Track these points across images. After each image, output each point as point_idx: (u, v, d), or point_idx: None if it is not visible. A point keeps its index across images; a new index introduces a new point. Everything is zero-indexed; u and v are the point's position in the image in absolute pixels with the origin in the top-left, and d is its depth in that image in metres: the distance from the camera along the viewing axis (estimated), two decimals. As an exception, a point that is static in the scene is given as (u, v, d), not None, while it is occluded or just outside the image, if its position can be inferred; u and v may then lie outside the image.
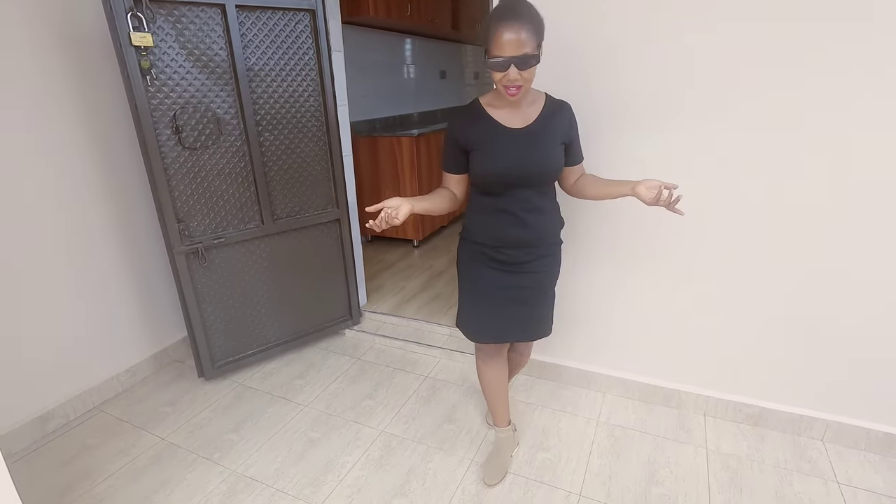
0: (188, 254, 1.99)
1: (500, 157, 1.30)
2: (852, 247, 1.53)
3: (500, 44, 1.15)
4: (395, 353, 2.43)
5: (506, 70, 1.17)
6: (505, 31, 1.14)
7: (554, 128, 1.32)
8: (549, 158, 1.32)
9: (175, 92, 1.83)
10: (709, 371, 1.86)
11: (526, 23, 1.15)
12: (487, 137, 1.32)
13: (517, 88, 1.21)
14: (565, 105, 1.37)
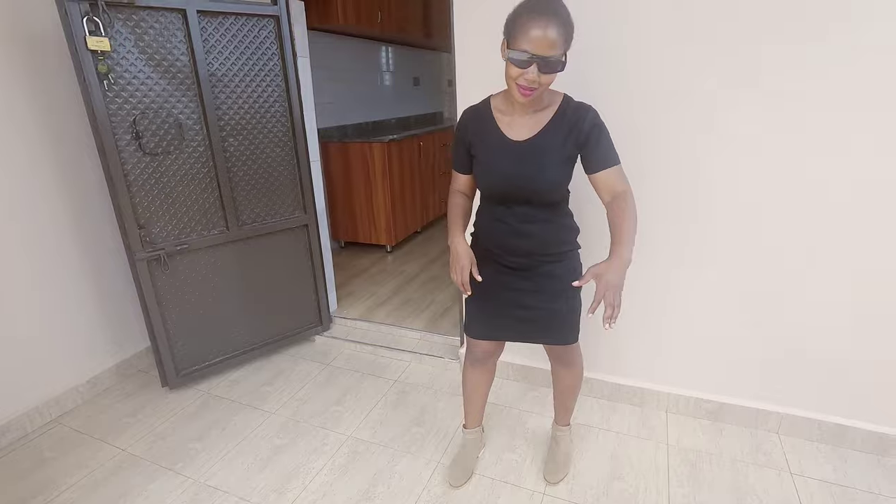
0: (150, 260, 1.96)
1: (494, 170, 1.26)
2: (805, 247, 1.60)
3: (526, 37, 1.05)
4: (365, 358, 2.43)
5: (526, 68, 1.08)
6: (534, 24, 1.04)
7: (560, 139, 1.20)
8: (544, 176, 1.21)
9: (135, 97, 1.81)
10: (672, 367, 1.91)
11: (558, 22, 1.05)
12: (486, 145, 1.27)
13: (531, 91, 1.12)
14: (582, 109, 1.21)
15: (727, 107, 1.54)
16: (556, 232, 1.32)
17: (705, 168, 1.63)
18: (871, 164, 1.46)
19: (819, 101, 1.45)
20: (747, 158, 1.57)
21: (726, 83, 1.52)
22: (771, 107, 1.50)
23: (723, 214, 1.66)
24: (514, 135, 1.24)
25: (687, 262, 1.75)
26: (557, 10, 1.07)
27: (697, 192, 1.66)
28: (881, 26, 1.35)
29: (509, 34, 1.12)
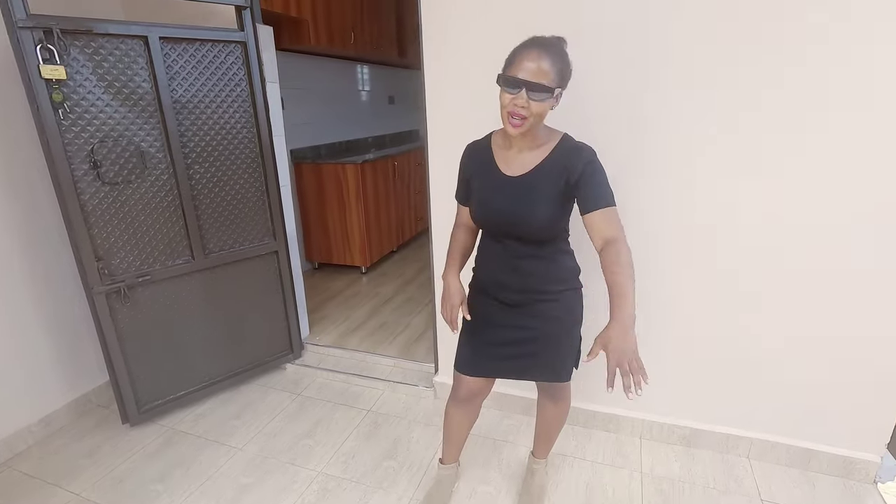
0: (109, 293, 1.88)
1: (488, 205, 1.27)
2: (772, 275, 1.63)
3: (520, 66, 1.09)
4: (338, 387, 2.37)
5: (515, 93, 1.10)
6: (528, 56, 1.09)
7: (554, 177, 1.19)
8: (536, 213, 1.20)
9: (92, 125, 1.75)
10: (646, 393, 1.91)
11: (553, 56, 1.10)
12: (482, 180, 1.29)
13: (521, 120, 1.12)
14: (579, 149, 1.20)
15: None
16: (550, 270, 1.30)
17: (672, 197, 1.65)
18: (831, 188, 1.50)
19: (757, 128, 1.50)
20: (713, 187, 1.60)
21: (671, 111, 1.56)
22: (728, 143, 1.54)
23: (692, 243, 1.68)
24: (510, 170, 1.25)
25: (659, 291, 1.77)
26: (552, 45, 1.12)
27: (666, 221, 1.69)
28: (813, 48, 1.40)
29: (505, 67, 1.15)
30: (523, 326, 1.34)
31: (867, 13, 1.34)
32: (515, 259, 1.29)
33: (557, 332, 1.35)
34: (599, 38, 1.56)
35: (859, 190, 1.47)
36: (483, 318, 1.39)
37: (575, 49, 1.19)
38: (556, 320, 1.34)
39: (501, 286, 1.33)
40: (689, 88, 1.53)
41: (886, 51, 1.35)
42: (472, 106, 1.75)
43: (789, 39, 1.41)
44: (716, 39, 1.47)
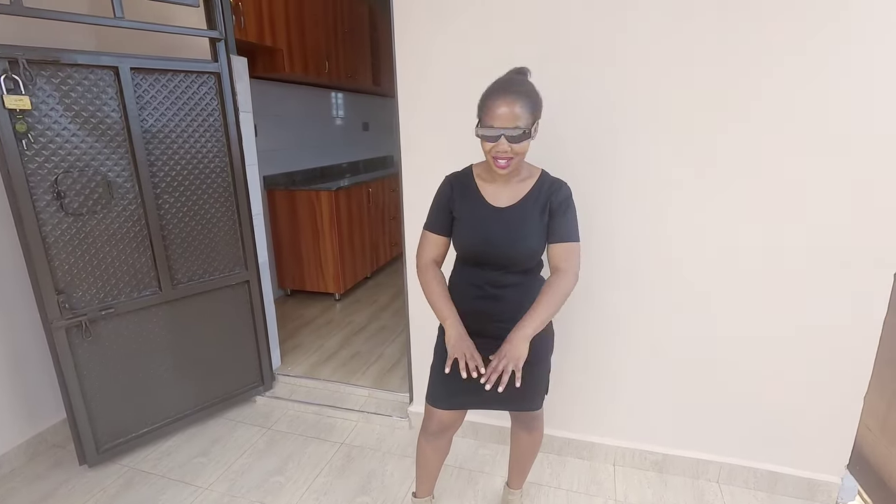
0: (69, 328, 1.81)
1: (476, 233, 1.29)
2: (735, 305, 1.70)
3: (494, 115, 1.15)
4: (310, 420, 2.31)
5: (496, 141, 1.16)
6: (500, 103, 1.14)
7: (539, 208, 1.27)
8: (523, 243, 1.26)
9: (57, 155, 1.71)
10: (619, 420, 1.94)
11: (522, 97, 1.15)
12: (469, 209, 1.31)
13: (507, 160, 1.19)
14: (558, 183, 1.30)
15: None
16: (527, 297, 1.32)
17: (642, 229, 1.71)
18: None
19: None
20: (684, 220, 1.67)
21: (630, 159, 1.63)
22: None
23: (660, 272, 1.74)
24: (497, 202, 1.30)
25: (630, 318, 1.81)
26: (517, 87, 1.18)
27: (636, 251, 1.74)
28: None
29: (479, 115, 1.20)
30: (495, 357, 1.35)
31: (801, 71, 1.45)
32: (495, 288, 1.31)
33: (530, 361, 1.34)
34: (576, 78, 1.63)
35: (813, 222, 1.56)
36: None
37: (552, 91, 1.25)
38: (531, 348, 1.33)
39: (477, 315, 1.34)
40: (653, 133, 1.61)
41: (821, 109, 1.46)
42: (445, 133, 1.80)
43: (736, 100, 1.53)
44: (677, 98, 1.56)
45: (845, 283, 1.58)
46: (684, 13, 1.50)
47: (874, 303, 1.58)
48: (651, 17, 1.53)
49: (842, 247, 1.56)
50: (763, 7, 1.44)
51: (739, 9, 1.46)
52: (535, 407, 1.45)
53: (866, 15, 1.38)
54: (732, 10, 1.47)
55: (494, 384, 1.18)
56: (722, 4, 1.47)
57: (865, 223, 1.52)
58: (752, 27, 1.46)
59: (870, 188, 1.50)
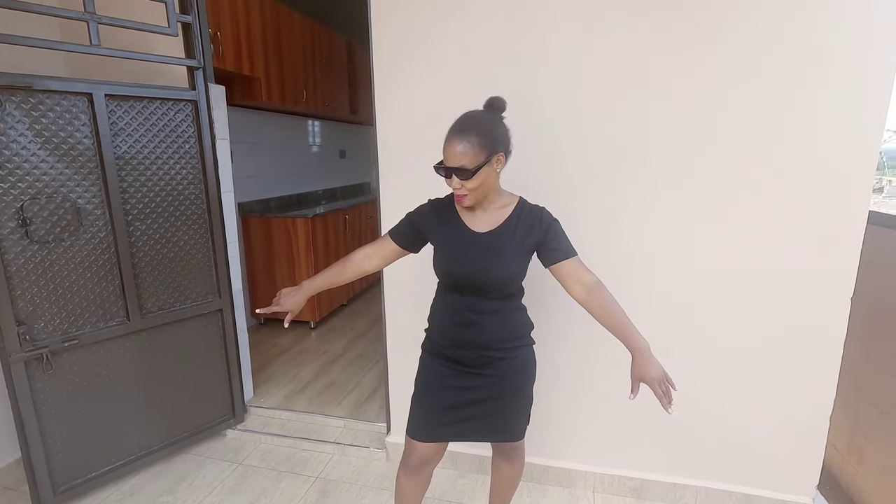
0: (29, 360, 1.72)
1: (456, 258, 1.31)
2: (711, 331, 1.75)
3: (445, 154, 1.22)
4: (283, 453, 2.24)
5: (449, 178, 1.23)
6: (449, 143, 1.21)
7: (520, 234, 1.29)
8: (503, 267, 1.28)
9: (24, 182, 1.66)
10: (597, 446, 1.95)
11: (471, 136, 1.18)
12: (449, 234, 1.33)
13: (463, 197, 1.24)
14: (537, 210, 1.32)
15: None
16: (507, 324, 1.35)
17: (617, 256, 1.76)
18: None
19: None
20: (656, 248, 1.73)
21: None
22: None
23: (636, 300, 1.78)
24: (476, 227, 1.32)
25: (606, 344, 1.84)
26: (465, 127, 1.21)
27: (612, 278, 1.78)
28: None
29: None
30: (477, 387, 1.36)
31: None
32: (476, 314, 1.31)
33: (512, 391, 1.39)
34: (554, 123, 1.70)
35: (771, 250, 1.64)
36: (435, 381, 1.39)
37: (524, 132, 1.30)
38: (510, 379, 1.37)
39: (457, 343, 1.35)
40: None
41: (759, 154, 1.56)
42: (422, 161, 1.81)
43: (690, 146, 1.61)
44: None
45: (807, 309, 1.65)
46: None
47: (834, 327, 1.65)
48: (618, 51, 1.62)
49: (800, 272, 1.64)
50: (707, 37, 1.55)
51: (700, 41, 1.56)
52: (517, 437, 1.45)
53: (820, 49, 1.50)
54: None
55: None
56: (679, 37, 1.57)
57: (818, 250, 1.61)
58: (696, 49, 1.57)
59: (818, 213, 1.59)
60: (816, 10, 1.48)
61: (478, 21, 1.70)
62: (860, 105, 1.50)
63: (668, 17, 1.57)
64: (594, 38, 1.64)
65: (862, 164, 1.54)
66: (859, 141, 1.52)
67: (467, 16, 1.71)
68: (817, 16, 1.48)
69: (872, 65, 1.47)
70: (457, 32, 1.73)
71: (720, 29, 1.54)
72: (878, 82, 1.48)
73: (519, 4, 1.66)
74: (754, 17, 1.51)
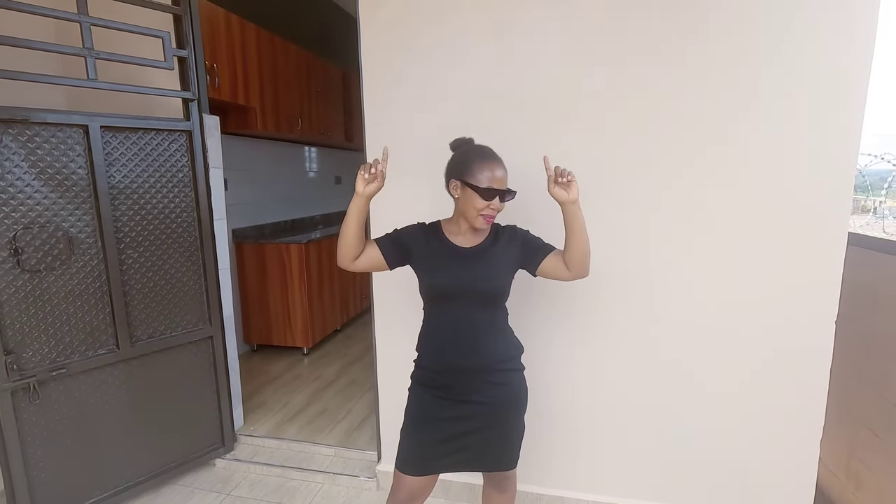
0: (15, 390, 1.71)
1: (444, 271, 1.35)
2: (701, 360, 1.76)
3: (490, 178, 1.27)
4: (272, 483, 2.20)
5: (491, 200, 1.28)
6: (495, 167, 1.28)
7: (500, 250, 1.37)
8: (490, 277, 1.34)
9: (18, 211, 1.69)
10: (590, 474, 1.92)
11: (501, 161, 1.31)
12: (436, 252, 1.37)
13: (493, 217, 1.32)
14: (510, 227, 1.44)
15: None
16: (499, 341, 1.38)
17: (612, 281, 1.78)
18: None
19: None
20: (644, 274, 1.75)
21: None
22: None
23: (628, 329, 1.80)
24: (462, 245, 1.38)
25: (598, 372, 1.84)
26: (496, 154, 1.33)
27: (605, 305, 1.80)
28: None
29: (465, 174, 1.29)
30: (468, 417, 1.36)
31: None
32: (465, 329, 1.34)
33: (504, 420, 1.40)
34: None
35: (755, 274, 1.66)
36: (426, 414, 1.39)
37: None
38: (503, 407, 1.38)
39: (448, 366, 1.35)
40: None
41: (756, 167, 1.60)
42: (409, 188, 1.86)
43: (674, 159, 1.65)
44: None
45: (793, 334, 1.67)
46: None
47: (820, 351, 1.66)
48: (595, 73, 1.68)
49: (783, 297, 1.66)
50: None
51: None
52: (510, 466, 1.45)
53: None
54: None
55: None
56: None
57: (801, 274, 1.63)
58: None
59: (798, 238, 1.62)
60: (791, 27, 1.54)
61: (463, 56, 1.76)
62: (837, 125, 1.55)
63: (646, 27, 1.63)
64: (578, 74, 1.69)
65: (839, 186, 1.58)
66: (835, 164, 1.57)
67: (454, 52, 1.77)
68: (792, 33, 1.54)
69: (846, 88, 1.53)
70: (442, 66, 1.79)
71: (696, 46, 1.61)
72: (853, 105, 1.53)
73: (503, 37, 1.72)
74: (733, 32, 1.57)
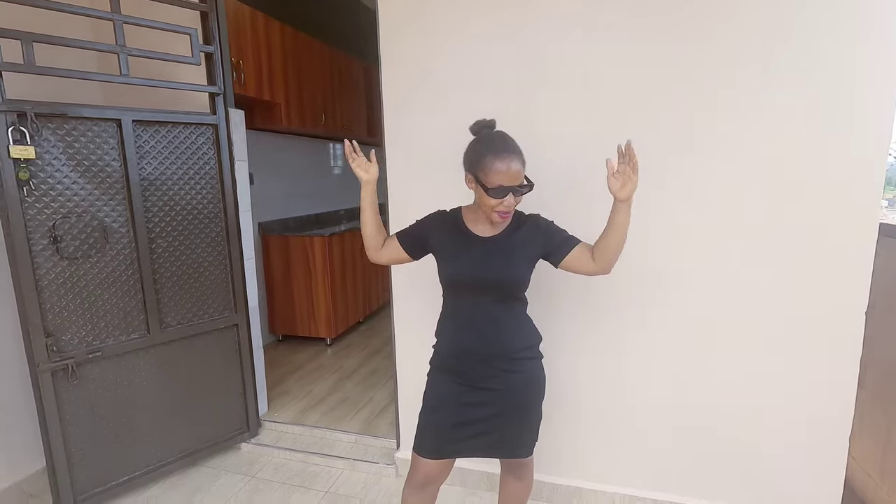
0: (55, 371, 1.81)
1: (462, 261, 1.35)
2: (724, 351, 1.73)
3: (502, 174, 1.22)
4: (295, 468, 2.27)
5: (503, 197, 1.24)
6: (506, 162, 1.22)
7: (520, 240, 1.35)
8: (509, 268, 1.33)
9: (57, 202, 1.78)
10: (608, 465, 1.92)
11: (519, 154, 1.26)
12: (456, 241, 1.37)
13: (508, 214, 1.29)
14: (533, 217, 1.40)
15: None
16: (517, 329, 1.38)
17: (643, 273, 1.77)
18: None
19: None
20: (671, 264, 1.73)
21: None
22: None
23: (651, 317, 1.78)
24: (483, 234, 1.37)
25: (617, 361, 1.83)
26: (513, 146, 1.27)
27: (631, 294, 1.79)
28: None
29: (477, 170, 1.26)
30: (484, 403, 1.37)
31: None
32: (484, 318, 1.34)
33: (520, 406, 1.40)
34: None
35: (783, 267, 1.62)
36: (443, 397, 1.40)
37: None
38: (520, 394, 1.38)
39: (467, 353, 1.36)
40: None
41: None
42: (427, 180, 1.89)
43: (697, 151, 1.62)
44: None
45: (821, 326, 1.62)
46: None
47: (849, 342, 1.61)
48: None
49: (812, 287, 1.61)
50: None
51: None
52: (526, 453, 1.45)
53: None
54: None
55: None
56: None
57: (829, 265, 1.58)
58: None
59: (827, 228, 1.57)
60: (821, 26, 1.49)
61: (481, 49, 1.77)
62: (869, 107, 1.50)
63: (669, 24, 1.61)
64: (601, 60, 1.68)
65: (869, 175, 1.52)
66: (865, 153, 1.51)
67: (472, 45, 1.78)
68: (827, 12, 1.49)
69: (880, 81, 1.47)
70: (460, 62, 1.80)
71: (729, 41, 1.57)
72: (888, 85, 1.48)
73: (523, 29, 1.72)
74: (763, 9, 1.53)
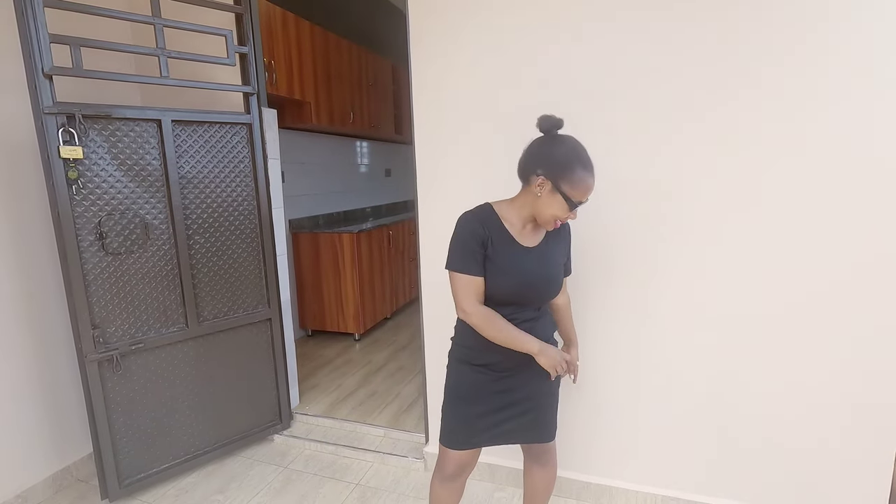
0: (102, 361, 1.90)
1: (515, 272, 1.30)
2: (763, 347, 1.68)
3: (588, 190, 1.24)
4: (326, 459, 2.31)
5: (573, 210, 1.25)
6: (593, 178, 1.24)
7: (556, 248, 1.39)
8: (555, 278, 1.37)
9: (102, 199, 1.86)
10: (639, 465, 1.89)
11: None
12: (503, 250, 1.30)
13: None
14: (564, 225, 1.40)
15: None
16: (547, 327, 1.43)
17: (659, 270, 1.74)
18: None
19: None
20: (705, 259, 1.69)
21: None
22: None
23: (685, 312, 1.74)
24: (526, 243, 1.34)
25: (648, 357, 1.80)
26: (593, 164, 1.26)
27: (661, 288, 1.76)
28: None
29: (561, 178, 1.22)
30: (511, 389, 1.39)
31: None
32: (523, 323, 1.34)
33: (546, 390, 1.44)
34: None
35: (830, 263, 1.57)
36: (470, 388, 1.41)
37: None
38: (545, 378, 1.39)
39: (500, 351, 1.33)
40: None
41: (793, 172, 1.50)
42: (458, 178, 1.89)
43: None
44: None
45: (870, 319, 1.56)
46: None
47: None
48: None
49: (859, 282, 1.55)
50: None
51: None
52: (550, 437, 1.48)
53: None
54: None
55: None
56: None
57: (883, 254, 1.52)
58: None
59: (886, 213, 1.50)
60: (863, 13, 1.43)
61: (510, 45, 1.76)
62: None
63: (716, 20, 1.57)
64: (632, 57, 1.65)
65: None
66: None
67: (501, 40, 1.77)
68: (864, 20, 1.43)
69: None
70: (488, 58, 1.79)
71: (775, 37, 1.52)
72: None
73: (554, 22, 1.70)
74: (808, 18, 1.48)
